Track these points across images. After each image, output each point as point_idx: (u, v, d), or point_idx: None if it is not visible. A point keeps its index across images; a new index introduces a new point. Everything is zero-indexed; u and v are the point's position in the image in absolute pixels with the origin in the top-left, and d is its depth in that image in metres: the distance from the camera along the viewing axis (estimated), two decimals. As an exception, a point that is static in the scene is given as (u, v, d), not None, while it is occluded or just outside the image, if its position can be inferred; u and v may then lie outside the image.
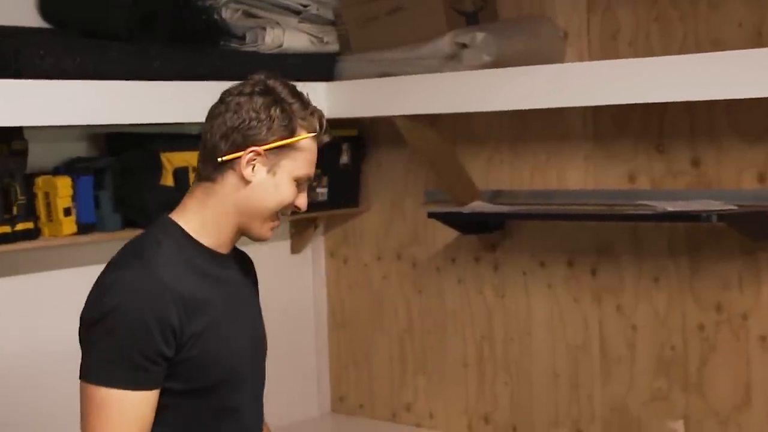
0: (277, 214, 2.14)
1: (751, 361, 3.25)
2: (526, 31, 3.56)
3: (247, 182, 2.08)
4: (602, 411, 3.56)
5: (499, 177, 3.75)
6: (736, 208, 3.13)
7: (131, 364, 1.97)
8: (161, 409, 2.04)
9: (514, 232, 3.74)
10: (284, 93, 2.11)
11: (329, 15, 3.77)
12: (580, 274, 3.59)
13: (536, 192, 3.67)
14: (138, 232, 3.28)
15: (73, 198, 3.28)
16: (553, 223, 3.63)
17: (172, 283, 2.02)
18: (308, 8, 3.69)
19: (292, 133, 2.09)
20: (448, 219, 3.67)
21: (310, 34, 3.70)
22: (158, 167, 3.39)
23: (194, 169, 3.34)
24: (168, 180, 3.40)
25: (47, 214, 3.24)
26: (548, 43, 3.56)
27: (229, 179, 2.09)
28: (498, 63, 3.40)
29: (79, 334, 2.04)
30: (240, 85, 2.14)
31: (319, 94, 3.64)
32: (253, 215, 2.12)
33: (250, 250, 2.51)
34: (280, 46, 3.60)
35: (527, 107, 3.39)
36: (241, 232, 2.15)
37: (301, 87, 3.54)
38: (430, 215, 3.61)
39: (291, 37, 3.63)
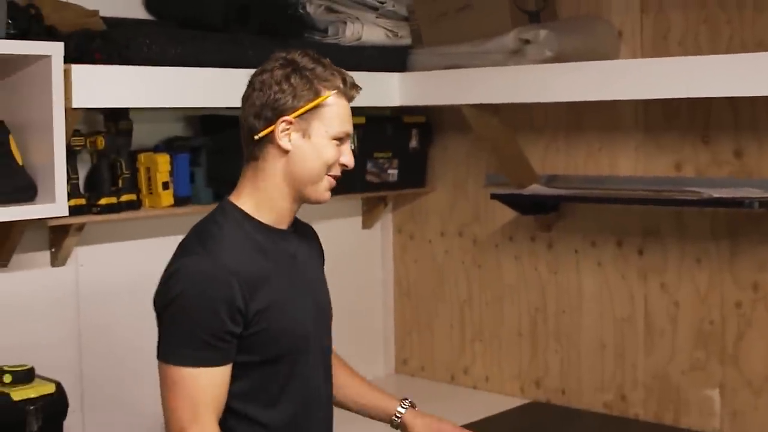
0: (327, 175, 2.16)
1: (784, 336, 3.35)
2: (584, 29, 3.61)
3: (286, 152, 2.11)
4: (645, 379, 3.64)
5: (555, 163, 3.82)
6: (775, 196, 3.22)
7: (201, 343, 2.02)
8: (234, 380, 2.09)
9: (567, 213, 3.81)
10: (303, 61, 2.13)
11: (403, 11, 3.83)
12: (627, 253, 3.66)
13: (589, 177, 3.73)
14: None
15: (171, 173, 3.36)
16: (604, 206, 3.68)
17: (235, 265, 2.05)
18: (385, 4, 3.76)
19: (316, 95, 2.10)
20: (508, 200, 3.73)
21: (386, 29, 3.77)
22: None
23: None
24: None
25: (148, 187, 3.34)
26: (604, 41, 3.60)
27: (271, 153, 2.13)
28: (558, 58, 3.44)
29: (156, 314, 2.12)
30: (262, 65, 2.17)
31: (393, 84, 3.76)
32: (302, 181, 2.14)
33: (324, 226, 2.60)
34: (359, 39, 3.67)
35: (583, 99, 3.45)
36: (300, 199, 2.17)
37: (377, 77, 3.71)
38: (493, 196, 3.68)
39: (368, 31, 3.70)
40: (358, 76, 3.56)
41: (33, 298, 3.27)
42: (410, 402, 2.48)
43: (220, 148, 3.51)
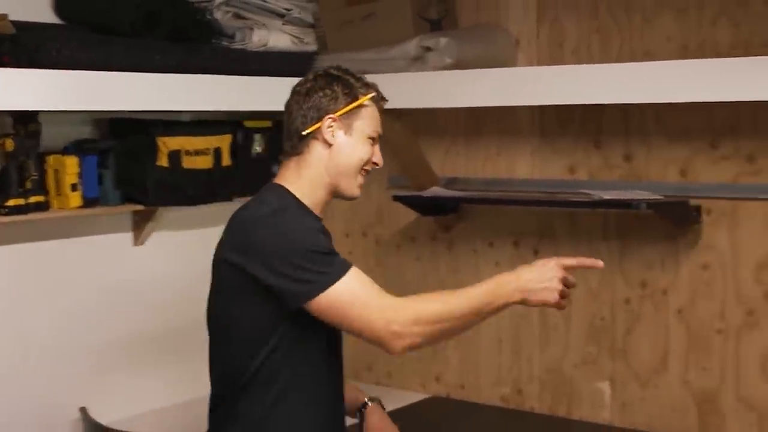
0: (362, 171, 2.42)
1: (669, 330, 3.46)
2: (483, 37, 3.69)
3: (329, 145, 2.38)
4: (540, 372, 3.74)
5: (455, 166, 3.89)
6: (661, 198, 3.32)
7: (328, 256, 2.24)
8: (294, 353, 2.29)
9: (467, 215, 3.88)
10: (340, 73, 2.44)
11: (309, 18, 3.87)
12: (524, 253, 3.74)
13: (487, 180, 3.81)
14: (136, 207, 3.51)
15: (80, 175, 3.36)
16: (501, 207, 3.77)
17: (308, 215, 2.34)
18: (291, 12, 3.79)
19: (355, 98, 2.40)
20: (410, 201, 3.80)
21: (292, 35, 3.80)
22: (155, 150, 3.50)
23: (187, 152, 3.57)
24: (163, 161, 3.51)
25: (56, 188, 3.34)
26: (502, 49, 3.69)
27: (315, 147, 2.39)
28: (458, 65, 3.52)
29: (235, 270, 2.27)
30: (304, 78, 2.46)
31: None
32: (341, 174, 2.40)
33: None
34: (266, 45, 3.70)
35: (483, 105, 3.54)
36: (334, 193, 2.42)
37: (283, 82, 3.74)
38: (395, 198, 3.75)
39: (275, 37, 3.74)
40: (264, 82, 3.68)
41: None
42: (377, 398, 2.69)
43: (128, 150, 3.53)
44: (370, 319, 2.20)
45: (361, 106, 2.41)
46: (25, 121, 3.27)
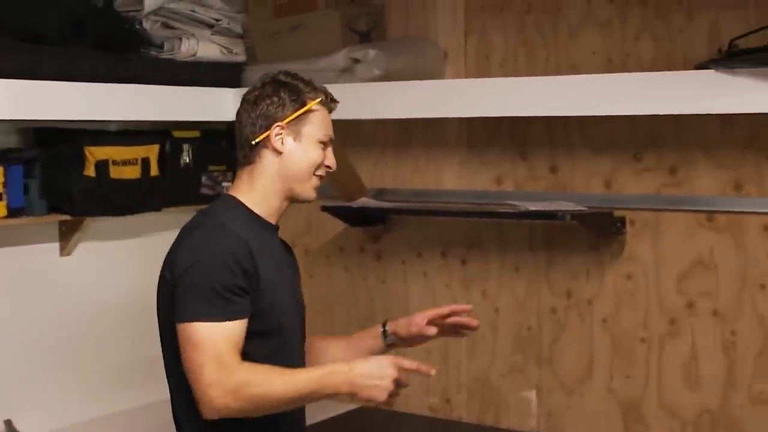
0: (314, 175, 2.42)
1: (594, 339, 3.50)
2: (411, 49, 3.70)
3: (279, 153, 2.38)
4: (467, 382, 3.76)
5: (383, 177, 3.91)
6: (586, 209, 3.37)
7: (220, 298, 2.20)
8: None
9: (395, 226, 3.89)
10: (288, 79, 2.44)
11: (238, 29, 3.86)
12: (451, 263, 3.78)
13: (416, 191, 3.83)
14: (63, 217, 3.46)
15: (4, 185, 3.31)
16: (430, 218, 3.79)
17: (242, 234, 2.29)
18: (220, 22, 3.78)
19: (303, 104, 2.40)
20: (338, 212, 3.80)
21: (221, 45, 3.79)
22: (82, 159, 3.46)
23: (114, 162, 3.54)
24: (90, 171, 3.48)
25: (-20, 198, 3.28)
26: (430, 61, 3.70)
27: (266, 156, 2.39)
28: (387, 77, 3.53)
29: (166, 288, 2.28)
30: (253, 86, 2.46)
31: (227, 99, 3.74)
32: (293, 179, 2.40)
33: (166, 236, 2.63)
34: (194, 54, 3.68)
35: (411, 116, 3.56)
36: (289, 197, 2.43)
37: (212, 92, 3.73)
38: (324, 208, 3.73)
39: (204, 47, 3.72)
40: (192, 91, 3.65)
41: None
42: (385, 321, 2.73)
43: (54, 160, 3.49)
44: (200, 372, 2.18)
45: (309, 111, 2.41)
46: (-52, 129, 3.22)
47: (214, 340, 2.19)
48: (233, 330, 2.23)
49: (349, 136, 3.89)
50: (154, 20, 3.70)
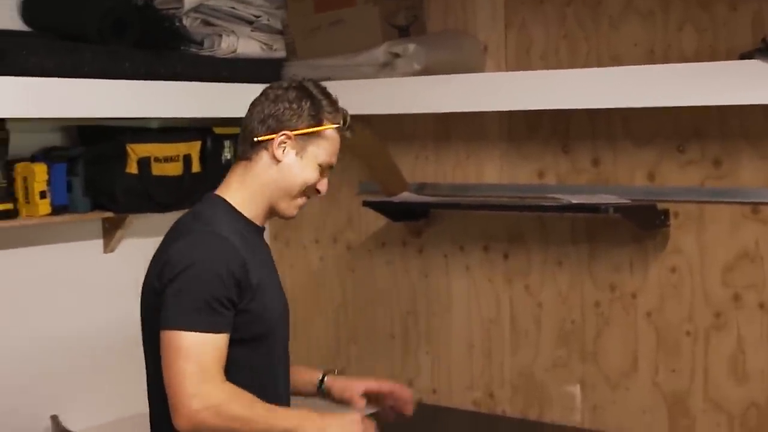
0: (302, 195, 2.33)
1: (638, 333, 3.46)
2: (451, 43, 3.68)
3: (277, 161, 2.29)
4: (511, 377, 3.73)
5: (425, 171, 3.88)
6: (629, 201, 3.33)
7: (209, 309, 2.12)
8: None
9: (437, 220, 3.87)
10: (315, 91, 2.34)
11: (278, 25, 3.84)
12: (494, 257, 3.74)
13: (457, 185, 3.81)
14: (106, 214, 3.47)
15: (48, 182, 3.33)
16: (471, 212, 3.75)
17: (233, 240, 2.21)
18: (260, 18, 3.77)
19: (319, 123, 2.31)
20: (379, 207, 3.79)
21: (261, 42, 3.77)
22: (124, 157, 3.46)
23: (156, 159, 3.55)
24: (132, 168, 3.48)
25: (25, 196, 3.30)
26: (470, 54, 3.68)
27: (263, 158, 2.30)
28: (426, 71, 3.51)
29: (156, 291, 2.19)
30: (280, 82, 2.39)
31: None
32: (280, 193, 2.31)
33: None
34: (234, 51, 3.67)
35: (451, 110, 3.54)
36: (270, 210, 2.33)
37: (252, 89, 3.71)
38: (365, 204, 3.72)
39: (244, 44, 3.70)
40: (233, 88, 3.65)
41: None
42: (332, 370, 2.62)
43: (97, 157, 3.50)
44: (182, 383, 2.10)
45: (321, 132, 2.32)
46: (-8, 128, 3.23)
47: (202, 351, 2.11)
48: (219, 343, 2.15)
49: (390, 130, 3.92)
50: (194, 17, 3.69)
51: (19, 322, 3.45)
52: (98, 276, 3.68)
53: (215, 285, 2.15)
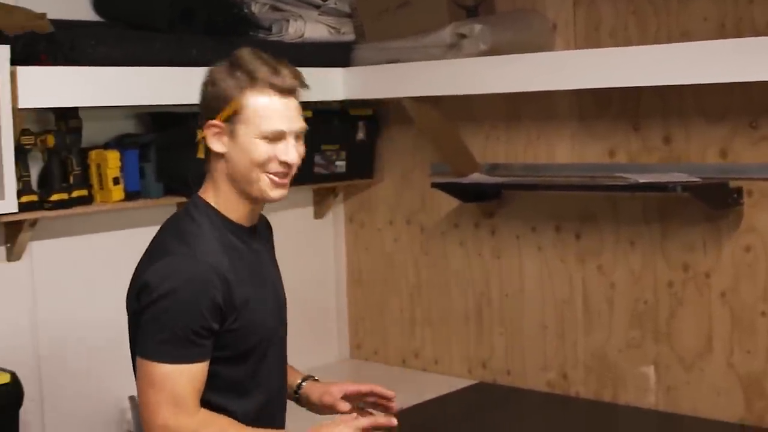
0: (265, 172, 2.10)
1: (712, 314, 3.39)
2: (519, 23, 3.64)
3: (222, 155, 2.12)
4: (584, 357, 3.69)
5: (496, 152, 3.85)
6: (699, 180, 3.25)
7: (185, 341, 2.02)
8: (208, 375, 2.09)
9: (509, 200, 3.84)
10: (242, 61, 2.10)
11: (346, 8, 3.86)
12: (566, 237, 3.71)
13: (528, 165, 3.77)
14: (178, 199, 3.52)
15: (121, 169, 3.39)
16: (543, 192, 3.72)
17: (216, 265, 2.06)
18: (327, 2, 3.79)
19: (235, 100, 2.08)
20: (449, 188, 3.77)
21: (329, 25, 3.80)
22: (194, 142, 3.54)
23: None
24: (202, 154, 3.52)
25: (99, 182, 3.38)
26: (539, 33, 3.64)
27: (213, 157, 2.16)
28: (493, 51, 3.49)
29: (134, 312, 2.10)
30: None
31: (337, 79, 3.80)
32: (242, 180, 2.11)
33: (278, 216, 2.64)
34: (302, 36, 3.70)
35: (518, 90, 3.50)
36: (251, 199, 2.14)
37: (321, 72, 3.71)
38: (434, 185, 3.72)
39: (311, 28, 3.73)
40: (302, 72, 3.64)
41: (-11, 292, 3.30)
42: (312, 377, 2.45)
43: (168, 144, 3.54)
44: (154, 413, 2.04)
45: (239, 108, 2.08)
46: (67, 117, 3.31)
47: (175, 382, 2.03)
48: (195, 373, 2.06)
49: (460, 111, 3.91)
50: (263, 3, 3.74)
51: (96, 306, 3.52)
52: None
53: (192, 316, 2.03)
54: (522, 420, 3.66)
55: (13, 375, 3.06)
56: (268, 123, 2.09)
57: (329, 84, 3.77)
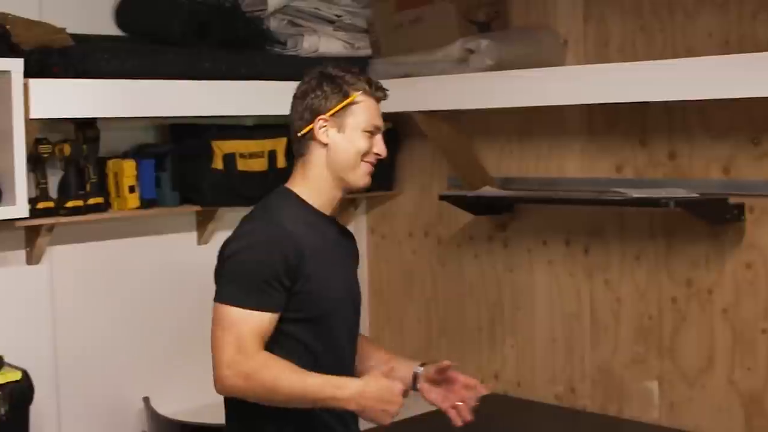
0: (363, 161, 2.47)
1: (714, 330, 3.36)
2: (528, 38, 3.66)
3: (325, 145, 2.46)
4: (591, 371, 3.69)
5: (509, 166, 3.88)
6: (696, 196, 3.23)
7: (255, 289, 2.30)
8: (282, 337, 2.36)
9: (521, 214, 3.86)
10: (334, 71, 2.49)
11: (361, 23, 3.91)
12: (575, 252, 3.71)
13: (539, 179, 3.78)
14: (194, 207, 3.61)
15: (137, 178, 3.50)
16: (553, 206, 3.74)
17: (292, 230, 2.38)
18: (342, 18, 3.85)
19: (345, 96, 2.45)
20: (456, 201, 3.80)
21: (343, 41, 3.85)
22: (209, 153, 3.60)
23: (241, 155, 3.67)
24: (218, 164, 3.61)
25: (116, 191, 3.48)
26: (549, 48, 3.65)
27: (315, 148, 2.47)
28: (501, 66, 3.50)
29: (216, 269, 2.41)
30: (302, 80, 2.53)
31: None
32: (342, 168, 2.46)
33: None
34: (316, 50, 3.76)
35: (524, 105, 3.51)
36: (342, 186, 2.49)
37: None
38: (441, 197, 3.75)
39: (326, 43, 3.79)
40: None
41: (9, 295, 3.43)
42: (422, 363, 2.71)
43: (184, 154, 3.64)
44: (220, 350, 2.29)
45: (352, 103, 2.46)
46: (84, 127, 3.43)
47: (240, 325, 2.30)
48: (261, 320, 2.32)
49: (475, 126, 3.94)
50: (281, 18, 3.80)
51: (112, 309, 3.64)
52: (192, 266, 3.81)
53: (264, 267, 2.32)
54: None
55: (25, 372, 3.18)
56: (372, 119, 2.49)
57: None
